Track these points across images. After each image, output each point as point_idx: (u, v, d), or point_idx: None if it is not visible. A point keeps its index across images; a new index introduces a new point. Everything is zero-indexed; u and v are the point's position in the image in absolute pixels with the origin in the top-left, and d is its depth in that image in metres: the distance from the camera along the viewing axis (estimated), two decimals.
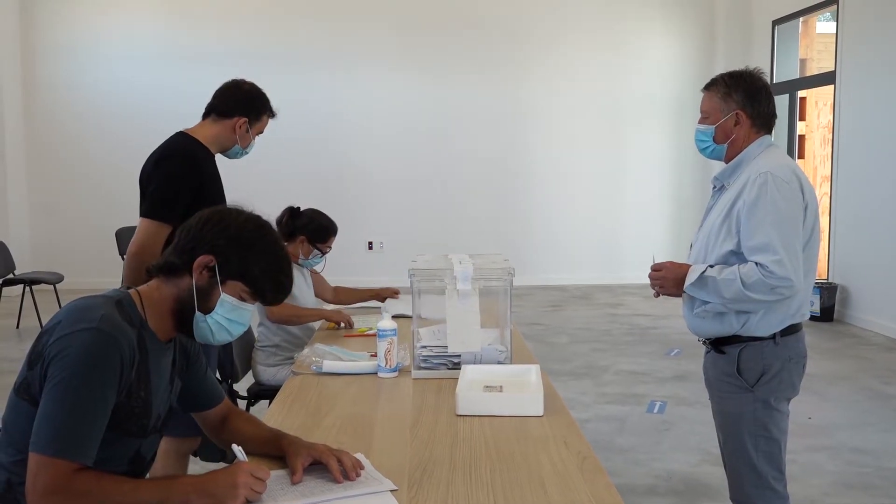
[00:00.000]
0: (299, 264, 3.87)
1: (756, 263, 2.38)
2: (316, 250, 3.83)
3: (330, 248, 3.91)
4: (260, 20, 9.71)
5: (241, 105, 3.13)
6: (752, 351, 2.51)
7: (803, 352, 2.60)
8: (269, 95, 3.25)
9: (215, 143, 3.11)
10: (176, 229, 2.85)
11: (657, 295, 2.64)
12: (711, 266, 2.48)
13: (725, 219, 2.49)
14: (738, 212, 2.46)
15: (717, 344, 2.58)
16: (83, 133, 9.69)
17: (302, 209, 3.91)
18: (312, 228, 3.82)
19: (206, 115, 3.15)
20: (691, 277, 2.48)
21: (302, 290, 3.83)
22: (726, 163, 2.62)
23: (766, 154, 2.54)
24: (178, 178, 2.95)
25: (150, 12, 9.70)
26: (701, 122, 2.63)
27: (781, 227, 2.39)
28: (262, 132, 3.22)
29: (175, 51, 9.50)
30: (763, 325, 2.49)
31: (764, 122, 2.58)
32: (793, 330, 2.55)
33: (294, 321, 3.70)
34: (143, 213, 2.96)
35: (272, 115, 3.22)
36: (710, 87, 2.61)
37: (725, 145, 2.58)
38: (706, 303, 2.50)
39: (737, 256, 2.47)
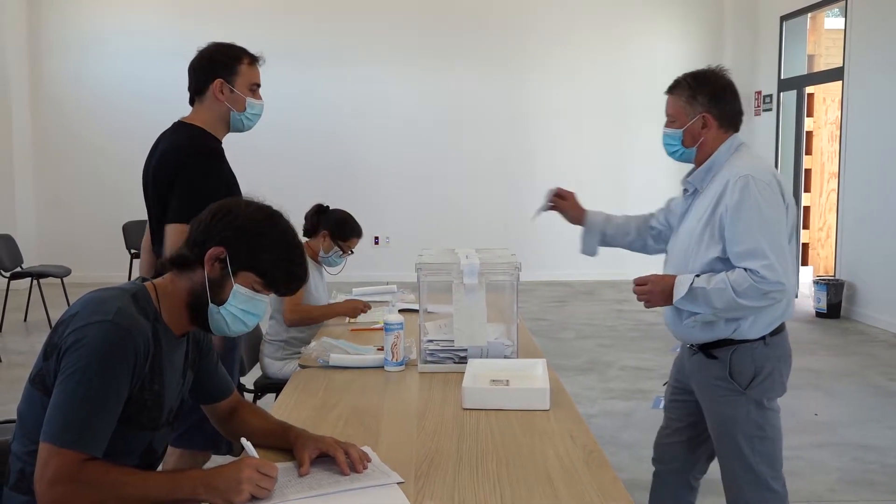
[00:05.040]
0: (318, 261, 3.89)
1: (745, 269, 2.34)
2: (337, 247, 3.85)
3: (352, 250, 3.92)
4: (268, 16, 9.70)
5: (207, 70, 2.79)
6: (743, 353, 2.47)
7: (790, 350, 2.58)
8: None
9: (215, 122, 2.82)
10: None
11: (647, 307, 2.58)
12: (697, 275, 2.43)
13: (707, 225, 2.45)
14: (720, 216, 2.41)
15: (707, 348, 2.53)
16: (91, 127, 9.72)
17: (331, 208, 3.96)
18: (336, 224, 3.85)
19: (191, 104, 2.86)
20: (680, 290, 2.41)
21: (317, 287, 3.84)
22: (696, 165, 2.57)
23: (739, 155, 2.50)
24: (210, 175, 2.69)
25: (159, 6, 9.72)
26: (668, 125, 2.59)
27: (768, 230, 2.36)
28: (257, 83, 2.84)
29: (183, 45, 9.39)
30: (754, 328, 2.46)
31: (731, 121, 2.54)
32: (779, 329, 2.52)
33: (309, 322, 3.71)
34: (174, 218, 2.64)
35: (253, 60, 2.84)
36: (674, 89, 2.56)
37: (695, 148, 2.54)
38: (694, 313, 2.46)
39: (723, 263, 2.42)
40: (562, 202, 2.98)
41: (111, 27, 9.71)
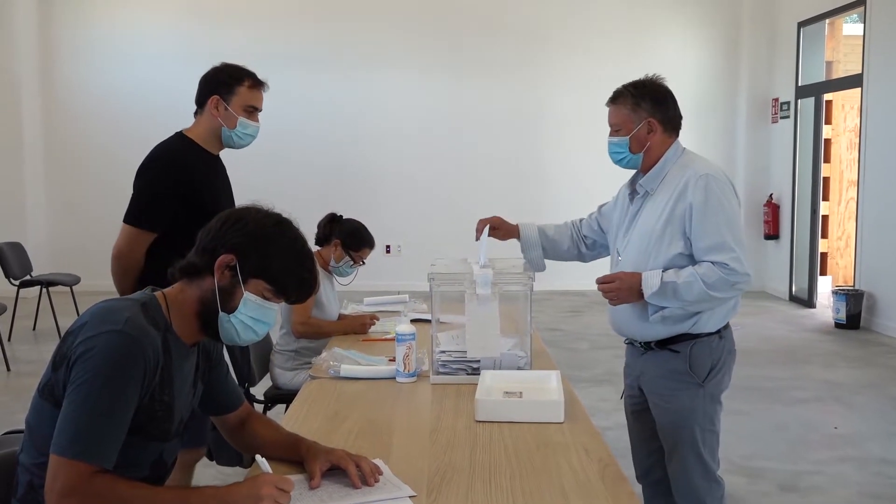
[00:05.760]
0: (329, 271, 3.89)
1: (713, 263, 2.49)
2: (348, 257, 3.85)
3: (363, 261, 3.93)
4: (280, 20, 9.74)
5: (208, 86, 2.98)
6: (702, 347, 2.61)
7: (735, 344, 2.73)
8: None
9: (209, 137, 3.00)
10: (160, 236, 2.83)
11: (614, 304, 2.68)
12: (663, 271, 2.55)
13: (668, 223, 2.58)
14: (683, 214, 2.55)
15: (666, 343, 2.64)
16: (102, 133, 9.77)
17: (344, 217, 3.97)
18: (348, 234, 3.86)
19: (195, 116, 3.06)
20: (651, 286, 2.53)
21: (328, 297, 3.84)
22: (643, 171, 2.69)
23: (688, 158, 2.67)
24: (159, 184, 2.90)
25: (171, 11, 9.77)
26: (613, 134, 2.70)
27: (732, 225, 2.53)
28: (254, 107, 3.00)
29: (196, 50, 9.52)
30: (711, 321, 2.60)
31: (674, 125, 2.69)
32: (728, 325, 2.68)
33: (318, 336, 3.71)
34: (124, 217, 2.93)
35: (256, 84, 3.00)
36: (616, 99, 2.69)
37: (641, 154, 2.66)
38: (660, 308, 2.56)
39: (685, 258, 2.56)
40: (495, 232, 3.04)
41: (123, 31, 9.76)
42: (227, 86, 2.97)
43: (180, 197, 2.88)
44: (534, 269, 3.02)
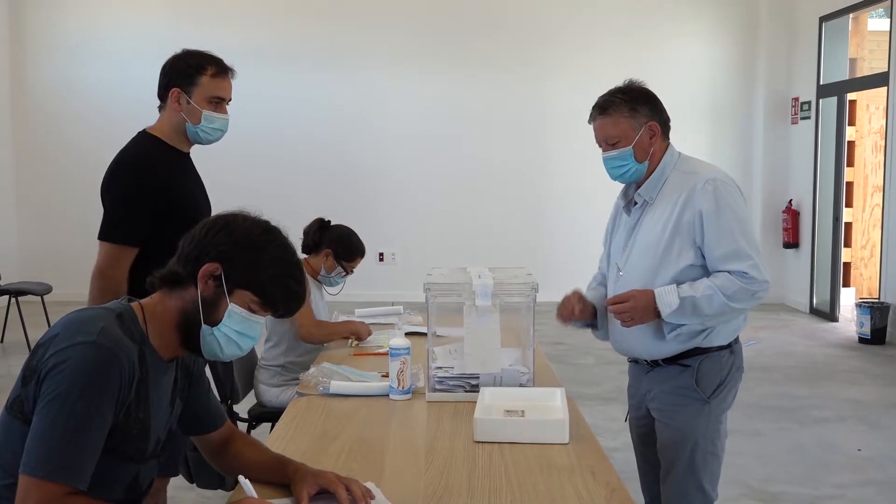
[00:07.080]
0: (318, 280, 3.90)
1: (730, 272, 2.48)
2: (339, 268, 3.87)
3: (353, 270, 3.94)
4: (272, 17, 9.73)
5: (168, 77, 2.88)
6: (712, 362, 2.61)
7: (743, 361, 2.73)
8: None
9: (174, 133, 2.90)
10: (141, 250, 2.78)
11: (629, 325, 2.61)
12: (677, 286, 2.53)
13: (675, 233, 2.55)
14: (691, 223, 2.53)
15: (675, 359, 2.63)
16: (75, 135, 9.77)
17: (333, 223, 3.97)
18: (340, 244, 3.87)
19: (160, 111, 2.97)
20: (669, 303, 2.49)
21: (318, 307, 3.85)
22: (643, 178, 2.67)
23: (688, 162, 2.67)
24: (128, 191, 2.82)
25: (153, 6, 9.79)
26: (609, 148, 2.66)
27: (745, 231, 2.53)
28: (219, 97, 2.88)
29: (180, 47, 9.57)
30: (722, 335, 2.60)
31: (667, 129, 2.69)
32: (738, 339, 2.68)
33: (329, 338, 3.74)
34: (100, 234, 2.83)
35: (221, 72, 2.89)
36: (608, 109, 2.65)
37: (646, 162, 2.64)
38: (678, 326, 2.53)
39: (696, 269, 2.54)
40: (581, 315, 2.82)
41: (97, 30, 9.76)
42: (187, 76, 2.85)
43: (153, 201, 2.79)
44: (603, 338, 2.87)
